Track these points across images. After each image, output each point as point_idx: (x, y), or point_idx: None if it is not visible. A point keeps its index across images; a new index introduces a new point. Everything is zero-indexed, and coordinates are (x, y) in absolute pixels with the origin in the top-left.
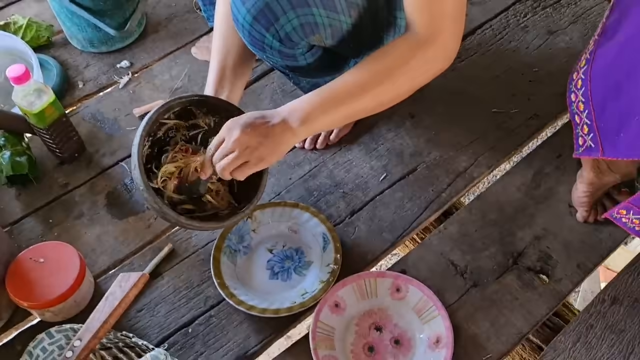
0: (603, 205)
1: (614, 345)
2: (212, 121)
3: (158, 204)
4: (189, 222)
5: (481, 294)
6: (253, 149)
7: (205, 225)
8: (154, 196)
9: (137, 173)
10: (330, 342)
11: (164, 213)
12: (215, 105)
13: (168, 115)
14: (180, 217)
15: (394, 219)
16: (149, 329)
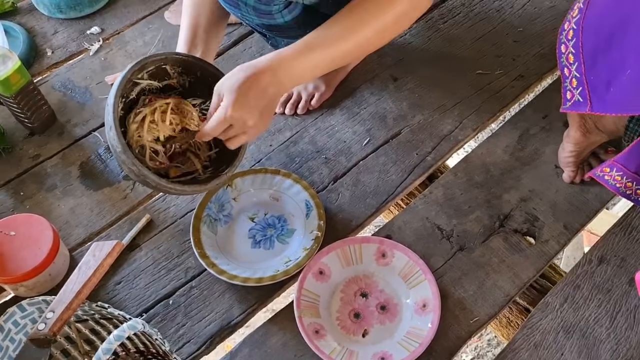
0: (590, 165)
1: (601, 304)
2: (187, 81)
3: (137, 166)
4: (171, 186)
5: (468, 258)
6: (251, 123)
7: (187, 188)
8: (133, 158)
9: (114, 134)
10: (315, 310)
11: (144, 176)
12: (191, 63)
13: (141, 74)
14: (161, 180)
15: (378, 184)
16: (128, 301)
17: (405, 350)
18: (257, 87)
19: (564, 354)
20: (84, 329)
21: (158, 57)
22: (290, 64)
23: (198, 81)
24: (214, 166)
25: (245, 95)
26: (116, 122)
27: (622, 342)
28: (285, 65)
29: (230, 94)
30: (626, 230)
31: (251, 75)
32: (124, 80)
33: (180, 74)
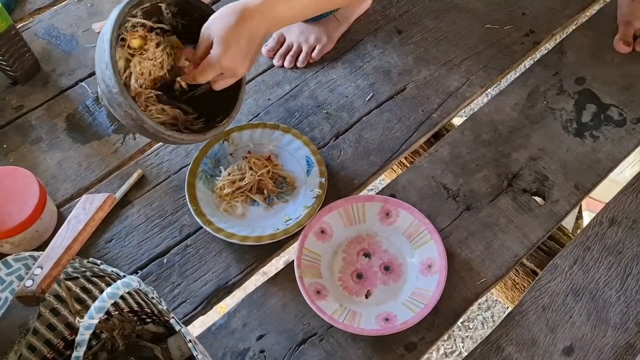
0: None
1: (611, 267)
2: (180, 24)
3: (135, 109)
4: (169, 133)
5: (474, 218)
6: (242, 71)
7: (185, 137)
8: (131, 100)
9: (110, 73)
10: (317, 270)
11: (141, 121)
12: (189, 4)
13: (136, 10)
14: (159, 127)
15: (382, 141)
16: (120, 260)
17: (410, 312)
18: (247, 33)
19: (572, 317)
20: (75, 287)
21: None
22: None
23: (192, 24)
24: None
25: (238, 44)
26: (113, 59)
27: (632, 304)
28: (273, 6)
29: (222, 43)
30: (638, 192)
31: (240, 20)
32: (121, 14)
33: (175, 14)
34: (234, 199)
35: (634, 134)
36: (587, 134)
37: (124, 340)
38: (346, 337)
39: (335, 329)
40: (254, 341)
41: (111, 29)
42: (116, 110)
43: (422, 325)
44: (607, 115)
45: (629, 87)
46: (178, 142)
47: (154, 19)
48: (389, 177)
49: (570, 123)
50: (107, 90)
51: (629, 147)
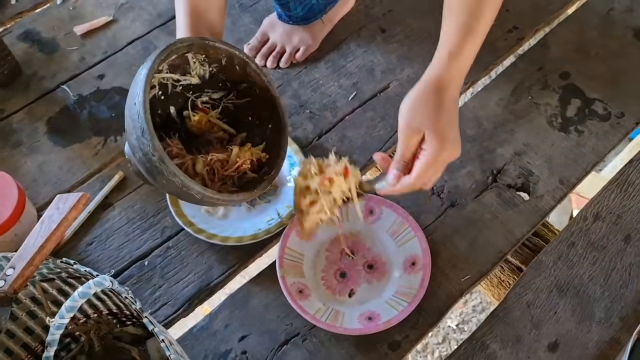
0: None
1: (596, 262)
2: (208, 72)
3: (180, 177)
4: (218, 197)
5: (459, 214)
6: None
7: (235, 197)
8: (176, 168)
9: (148, 141)
10: (299, 269)
11: (187, 188)
12: (217, 49)
13: (163, 65)
14: (207, 191)
15: (365, 140)
16: (101, 263)
17: (394, 310)
18: (453, 110)
19: (557, 312)
20: (51, 289)
21: (183, 43)
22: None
23: (221, 70)
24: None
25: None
26: (150, 125)
27: (616, 299)
28: (462, 63)
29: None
30: (622, 187)
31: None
32: (151, 72)
33: (202, 62)
34: None
35: (619, 128)
36: (572, 129)
37: (100, 341)
38: (329, 336)
39: (318, 328)
40: (236, 342)
41: (142, 91)
42: (157, 178)
43: (406, 324)
44: (591, 109)
45: (614, 82)
46: (227, 204)
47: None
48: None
49: (555, 118)
50: (145, 159)
51: (614, 141)
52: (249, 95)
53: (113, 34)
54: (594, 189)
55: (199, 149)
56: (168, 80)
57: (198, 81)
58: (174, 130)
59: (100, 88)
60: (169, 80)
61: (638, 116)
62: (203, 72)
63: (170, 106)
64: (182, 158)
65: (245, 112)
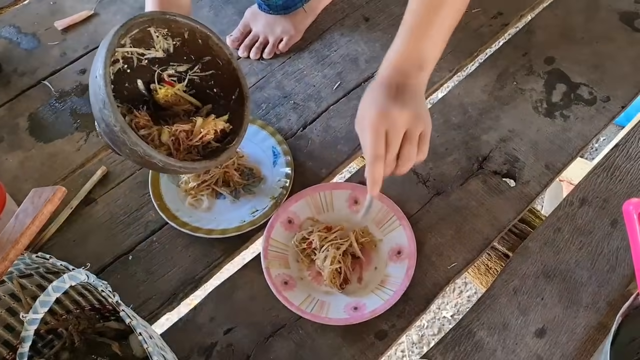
0: None
1: (582, 247)
2: (172, 45)
3: (142, 146)
4: (180, 165)
5: (445, 202)
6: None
7: (197, 165)
8: (137, 138)
9: (109, 112)
10: (284, 261)
11: (149, 157)
12: (179, 23)
13: (125, 40)
14: (170, 159)
15: (350, 130)
16: (85, 258)
17: (380, 299)
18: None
19: (544, 298)
20: (30, 285)
21: (144, 18)
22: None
23: (185, 44)
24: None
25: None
26: (111, 97)
27: (603, 284)
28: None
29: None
30: (608, 171)
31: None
32: (111, 47)
33: (166, 36)
34: (200, 192)
35: (604, 112)
36: (558, 114)
37: (80, 336)
38: (315, 327)
39: (304, 319)
40: (222, 335)
41: (102, 65)
42: (121, 148)
43: (392, 313)
44: (577, 94)
45: (599, 65)
46: (190, 172)
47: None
48: (358, 164)
49: (541, 103)
50: (108, 129)
51: (599, 125)
52: (213, 68)
53: (94, 28)
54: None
55: (166, 121)
56: (132, 54)
57: (163, 55)
58: (142, 103)
59: (82, 83)
60: (134, 54)
61: (624, 100)
62: (167, 46)
63: (137, 79)
64: (148, 129)
65: (209, 84)
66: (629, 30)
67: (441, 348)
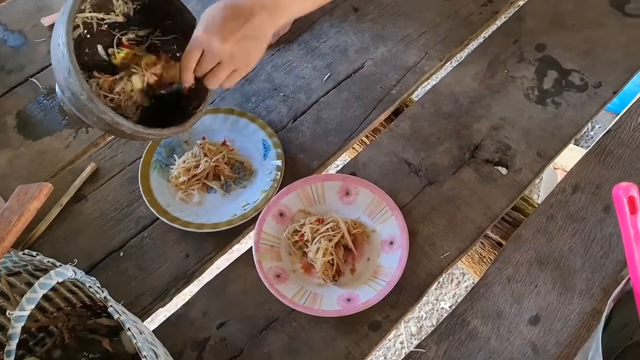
0: None
1: (575, 233)
2: (132, 9)
3: (109, 113)
4: (148, 132)
5: (437, 192)
6: (240, 56)
7: (165, 132)
8: (103, 105)
9: (74, 80)
10: (276, 254)
11: (117, 124)
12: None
13: (84, 5)
14: (137, 127)
15: (341, 121)
16: (76, 256)
17: (373, 290)
18: (232, 10)
19: (537, 286)
20: (19, 283)
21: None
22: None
23: (146, 7)
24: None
25: (215, 16)
26: (75, 65)
27: (597, 270)
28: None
29: (201, 19)
30: (600, 157)
31: (234, 8)
32: (71, 13)
33: (126, 0)
34: (190, 187)
35: (596, 98)
36: (549, 101)
37: (70, 333)
38: (309, 320)
39: (298, 312)
40: (215, 330)
41: (65, 32)
42: (87, 117)
43: (386, 303)
44: (568, 80)
45: (590, 52)
46: (158, 137)
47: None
48: (350, 155)
49: (532, 90)
50: (74, 98)
51: (591, 111)
52: (175, 32)
53: None
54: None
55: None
56: (92, 19)
57: (123, 19)
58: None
59: None
60: (93, 19)
61: (615, 85)
62: (127, 10)
63: (97, 45)
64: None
65: (172, 49)
66: (620, 15)
67: (435, 338)
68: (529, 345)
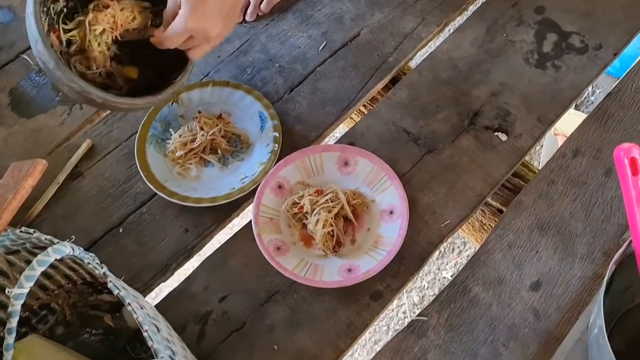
0: None
1: (576, 198)
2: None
3: (77, 82)
4: (120, 100)
5: (436, 160)
6: (214, 32)
7: (138, 101)
8: (70, 73)
9: (42, 47)
10: (276, 226)
11: (87, 93)
12: None
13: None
14: (108, 95)
15: (338, 91)
16: (75, 233)
17: (373, 260)
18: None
19: (538, 252)
20: (18, 261)
21: None
22: None
23: None
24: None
25: (204, 3)
26: (42, 32)
27: (598, 234)
28: None
29: (187, 3)
30: (601, 120)
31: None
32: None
33: None
34: (187, 161)
35: (596, 60)
36: (549, 64)
37: (72, 309)
38: (310, 291)
39: (299, 284)
40: (217, 304)
41: (33, 2)
42: (62, 87)
43: (387, 273)
44: (568, 43)
45: (590, 13)
46: (131, 108)
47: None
48: (347, 125)
49: (531, 54)
50: (46, 68)
51: (592, 74)
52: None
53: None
54: None
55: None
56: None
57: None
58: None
59: None
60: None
61: (616, 47)
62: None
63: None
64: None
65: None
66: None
67: (437, 306)
68: (531, 311)
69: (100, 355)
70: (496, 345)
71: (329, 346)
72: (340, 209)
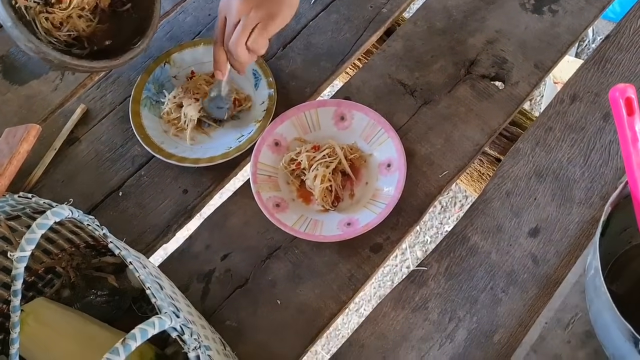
0: None
1: (574, 144)
2: None
3: (33, 42)
4: (77, 62)
5: (433, 111)
6: (257, 10)
7: (96, 64)
8: (27, 33)
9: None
10: (274, 183)
11: (44, 54)
12: None
13: None
14: (65, 57)
15: (332, 45)
16: (75, 198)
17: (372, 213)
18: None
19: (537, 199)
20: (19, 227)
21: None
22: None
23: None
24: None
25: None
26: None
27: (596, 179)
28: None
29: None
30: (599, 64)
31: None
32: None
33: None
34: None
35: (594, 2)
36: (546, 9)
37: (76, 272)
38: (311, 246)
39: (299, 240)
40: (219, 262)
41: None
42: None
43: (386, 225)
44: None
45: None
46: (89, 70)
47: None
48: (343, 80)
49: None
50: (5, 25)
51: (589, 17)
52: None
53: None
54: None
55: None
56: None
57: None
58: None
59: None
60: None
61: None
62: None
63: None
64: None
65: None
66: None
67: (436, 255)
68: (529, 257)
69: (107, 315)
70: (495, 291)
71: (331, 299)
72: (338, 163)
